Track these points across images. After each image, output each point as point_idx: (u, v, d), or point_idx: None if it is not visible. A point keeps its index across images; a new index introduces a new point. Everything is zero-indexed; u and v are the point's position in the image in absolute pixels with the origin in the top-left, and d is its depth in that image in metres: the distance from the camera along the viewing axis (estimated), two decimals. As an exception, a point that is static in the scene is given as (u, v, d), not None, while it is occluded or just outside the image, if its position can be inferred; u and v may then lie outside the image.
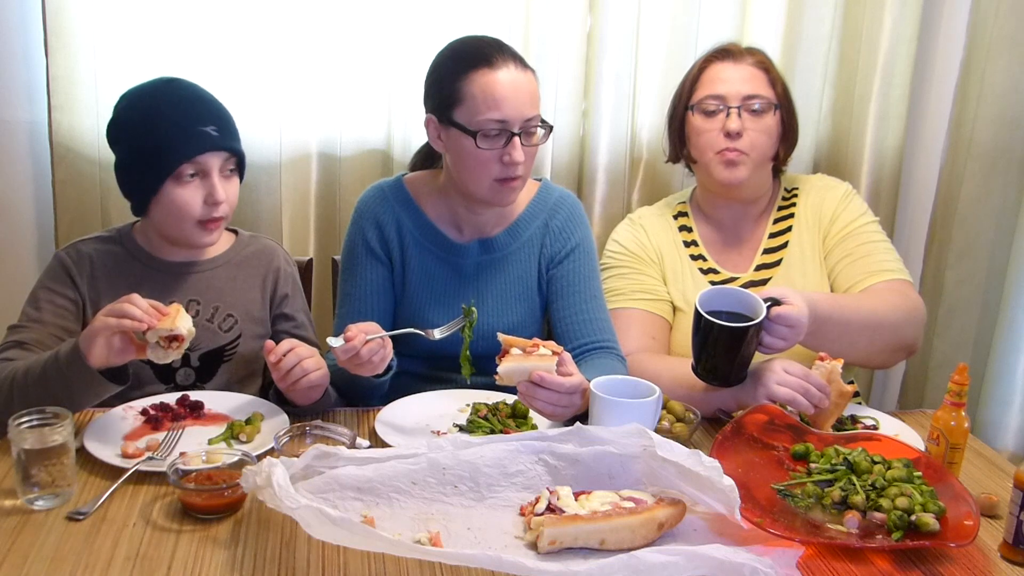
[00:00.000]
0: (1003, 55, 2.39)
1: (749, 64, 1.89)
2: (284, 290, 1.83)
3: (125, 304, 1.43)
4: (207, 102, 1.69)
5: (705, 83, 1.90)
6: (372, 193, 1.87)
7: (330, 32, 2.24)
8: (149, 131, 1.63)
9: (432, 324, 1.80)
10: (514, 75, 1.67)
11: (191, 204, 1.64)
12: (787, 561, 1.16)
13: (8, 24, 2.14)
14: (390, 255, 1.83)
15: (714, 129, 1.87)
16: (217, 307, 1.75)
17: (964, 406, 1.43)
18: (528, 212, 1.86)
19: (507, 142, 1.67)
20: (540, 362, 1.47)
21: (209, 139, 1.63)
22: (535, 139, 1.72)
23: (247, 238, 1.86)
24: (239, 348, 1.76)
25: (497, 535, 1.25)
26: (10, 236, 2.25)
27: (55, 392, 1.44)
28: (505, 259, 1.85)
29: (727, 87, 1.87)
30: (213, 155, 1.64)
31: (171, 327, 1.42)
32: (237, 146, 1.70)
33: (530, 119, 1.68)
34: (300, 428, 1.46)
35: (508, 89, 1.66)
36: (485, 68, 1.66)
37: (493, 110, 1.65)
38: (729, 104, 1.86)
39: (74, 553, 1.18)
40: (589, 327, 1.81)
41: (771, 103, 1.88)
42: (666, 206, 2.08)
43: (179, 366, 1.72)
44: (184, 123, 1.63)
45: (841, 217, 1.94)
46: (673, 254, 1.98)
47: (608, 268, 2.00)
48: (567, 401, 1.49)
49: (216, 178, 1.65)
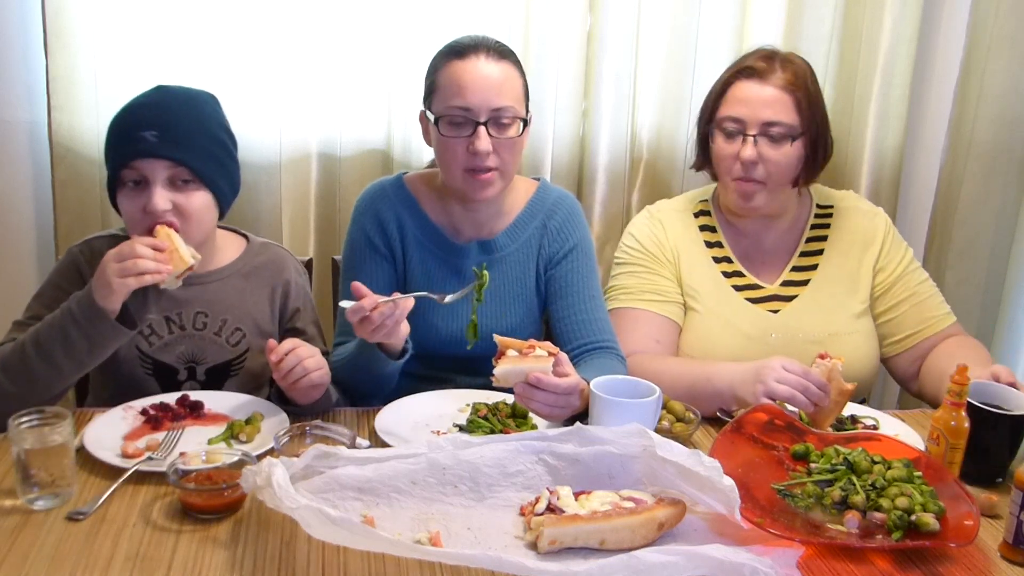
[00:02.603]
0: (1003, 55, 2.39)
1: (776, 86, 1.79)
2: (295, 304, 1.79)
3: (135, 259, 1.45)
4: (161, 109, 1.58)
5: (728, 102, 1.84)
6: (373, 190, 1.86)
7: (330, 32, 2.24)
8: (108, 133, 1.61)
9: (432, 326, 1.80)
10: (483, 65, 1.66)
11: (131, 214, 1.58)
12: (787, 561, 1.16)
13: (8, 24, 2.14)
14: (393, 251, 1.82)
15: (732, 154, 1.82)
16: (225, 320, 1.72)
17: (964, 406, 1.43)
18: (526, 213, 1.86)
19: (473, 131, 1.66)
20: (536, 363, 1.47)
21: (143, 144, 1.53)
22: (508, 132, 1.69)
23: (258, 246, 1.81)
24: (246, 363, 1.74)
25: (497, 535, 1.24)
26: (10, 236, 2.26)
27: (75, 349, 1.47)
28: (504, 260, 1.84)
29: (747, 111, 1.80)
30: (150, 162, 1.54)
31: (183, 265, 1.50)
32: (185, 157, 1.56)
33: (499, 109, 1.66)
34: (300, 428, 1.46)
35: (472, 77, 1.66)
36: (455, 59, 1.68)
37: (457, 97, 1.66)
38: (747, 131, 1.80)
39: (74, 553, 1.18)
40: (588, 327, 1.81)
41: (793, 131, 1.80)
42: (688, 202, 2.02)
43: (184, 379, 1.70)
44: (123, 128, 1.58)
45: (888, 262, 1.93)
46: (693, 253, 1.94)
47: (621, 264, 1.97)
48: (564, 402, 1.49)
49: (157, 187, 1.54)
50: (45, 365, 1.48)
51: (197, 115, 1.62)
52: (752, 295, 1.90)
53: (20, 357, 1.50)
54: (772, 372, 1.58)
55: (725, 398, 1.66)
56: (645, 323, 1.88)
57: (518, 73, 1.72)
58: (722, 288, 1.90)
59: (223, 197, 1.66)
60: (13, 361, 1.50)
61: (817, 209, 1.98)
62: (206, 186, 1.61)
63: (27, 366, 1.49)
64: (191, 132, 1.59)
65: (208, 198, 1.62)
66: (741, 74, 1.83)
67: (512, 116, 1.68)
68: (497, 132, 1.68)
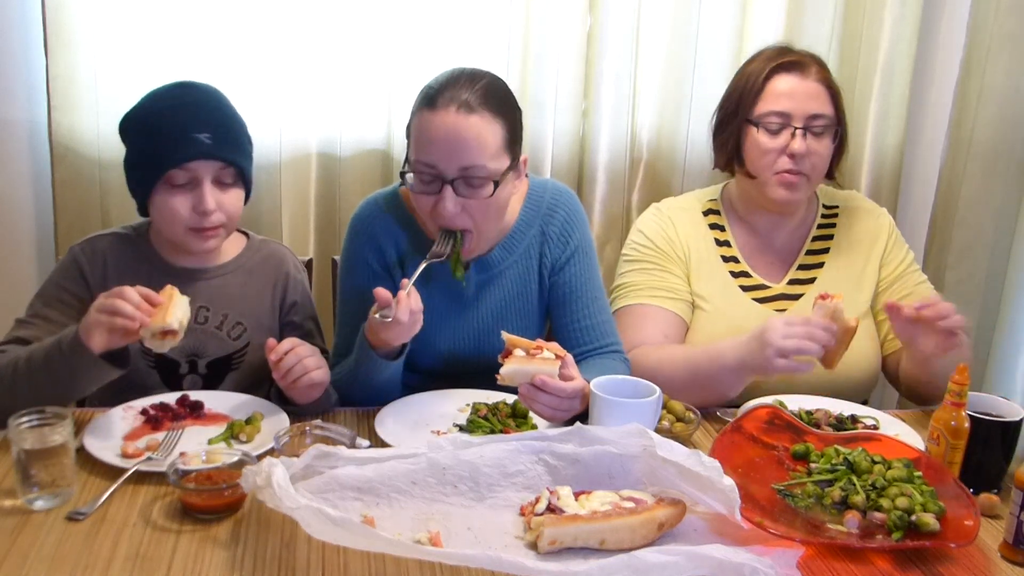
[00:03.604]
0: (1003, 55, 2.39)
1: (815, 79, 1.82)
2: (293, 298, 1.80)
3: (116, 300, 1.41)
4: (208, 109, 1.64)
5: (769, 97, 1.82)
6: (367, 210, 1.78)
7: (330, 32, 2.24)
8: (147, 133, 1.62)
9: (433, 346, 1.77)
10: (452, 120, 1.53)
11: (179, 212, 1.61)
12: (787, 561, 1.16)
13: (8, 24, 2.14)
14: (390, 270, 1.76)
15: (776, 148, 1.81)
16: (227, 314, 1.73)
17: (964, 406, 1.43)
18: (522, 221, 1.79)
19: (441, 189, 1.57)
20: (543, 366, 1.47)
21: (201, 146, 1.58)
22: (480, 192, 1.58)
23: (258, 242, 1.83)
24: (247, 357, 1.74)
25: (497, 535, 1.24)
26: (10, 236, 2.25)
27: (59, 378, 1.45)
28: (502, 275, 1.79)
29: (793, 104, 1.80)
30: (204, 163, 1.59)
31: (162, 323, 1.40)
32: (235, 157, 1.63)
33: (468, 168, 1.55)
34: (300, 428, 1.46)
35: (439, 133, 1.54)
36: (426, 109, 1.57)
37: (423, 152, 1.57)
38: (794, 124, 1.80)
39: (74, 553, 1.18)
40: (592, 332, 1.79)
41: (832, 123, 1.83)
42: (696, 200, 2.01)
43: (186, 373, 1.71)
44: (177, 129, 1.58)
45: (890, 261, 1.94)
46: (702, 252, 1.93)
47: (631, 260, 1.95)
48: (567, 405, 1.50)
49: (207, 187, 1.60)
50: (29, 386, 1.47)
51: (232, 112, 1.69)
52: (759, 295, 1.91)
53: (12, 371, 1.49)
54: (776, 332, 1.57)
55: (737, 373, 1.66)
56: (654, 319, 1.87)
57: (498, 123, 1.58)
58: (729, 288, 1.90)
59: (249, 192, 1.72)
60: (6, 373, 1.50)
61: (823, 209, 1.99)
62: (244, 184, 1.68)
63: (16, 382, 1.48)
64: (236, 132, 1.67)
65: (242, 194, 1.70)
66: (781, 68, 1.83)
67: (483, 175, 1.57)
68: (467, 192, 1.58)
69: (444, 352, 1.80)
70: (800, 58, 1.84)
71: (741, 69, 1.92)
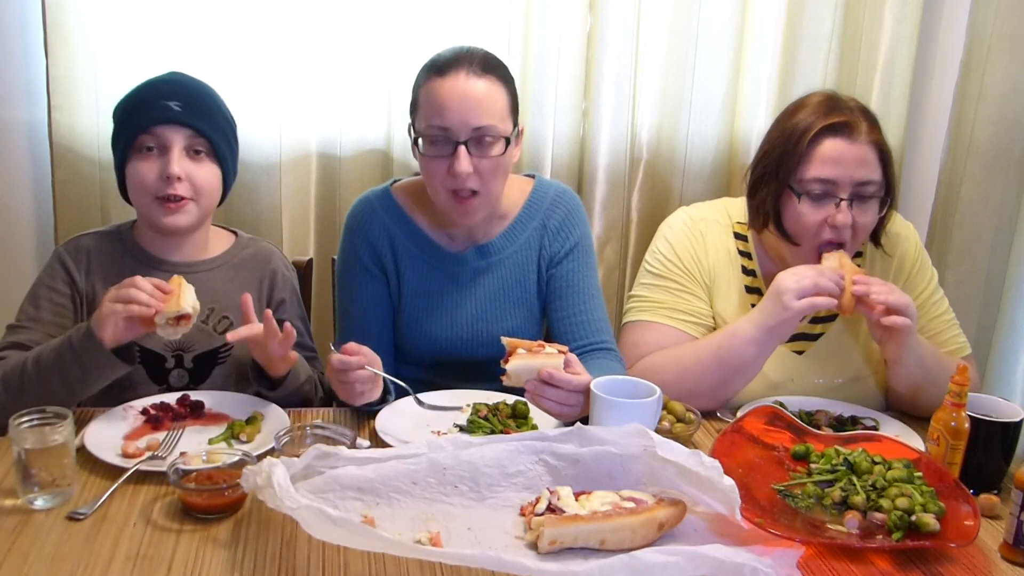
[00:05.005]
0: (1003, 55, 2.39)
1: (865, 141, 1.66)
2: (281, 295, 1.81)
3: (130, 289, 1.45)
4: (186, 85, 1.69)
5: (815, 161, 1.67)
6: (361, 206, 1.83)
7: (330, 32, 2.24)
8: (123, 109, 1.67)
9: (430, 335, 1.80)
10: (463, 83, 1.61)
11: (147, 178, 1.63)
12: (787, 561, 1.16)
13: (8, 24, 2.14)
14: (384, 269, 1.81)
15: (819, 220, 1.68)
16: (213, 308, 1.74)
17: (964, 406, 1.43)
18: (524, 213, 1.84)
19: (453, 151, 1.63)
20: (548, 360, 1.47)
21: (168, 111, 1.61)
22: (490, 151, 1.64)
23: (246, 240, 1.85)
24: (233, 351, 1.75)
25: (497, 535, 1.24)
26: (10, 236, 2.25)
27: (70, 377, 1.46)
28: (502, 263, 1.83)
29: (840, 171, 1.65)
30: (172, 129, 1.62)
31: (177, 308, 1.45)
32: (205, 127, 1.65)
33: (479, 128, 1.62)
34: (300, 428, 1.46)
35: (451, 95, 1.61)
36: (436, 76, 1.64)
37: (436, 116, 1.63)
38: (839, 194, 1.66)
39: (74, 553, 1.18)
40: (587, 328, 1.80)
41: (880, 188, 1.68)
42: (727, 217, 1.87)
43: (172, 367, 1.71)
44: (147, 97, 1.64)
45: (913, 287, 1.82)
46: (728, 276, 1.82)
47: (655, 274, 1.85)
48: (575, 400, 1.48)
49: (175, 153, 1.62)
50: (40, 387, 1.47)
51: (212, 95, 1.73)
52: None
53: (20, 374, 1.50)
54: (788, 279, 1.60)
55: (759, 342, 1.65)
56: (674, 340, 1.78)
57: (503, 88, 1.67)
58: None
59: (227, 176, 1.73)
60: (13, 377, 1.50)
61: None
62: (217, 160, 1.69)
63: (25, 385, 1.48)
64: (210, 107, 1.69)
65: (217, 172, 1.70)
66: (829, 131, 1.66)
67: (494, 135, 1.64)
68: (479, 152, 1.64)
69: (439, 337, 1.81)
70: (849, 118, 1.67)
71: (782, 121, 1.76)
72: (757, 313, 1.66)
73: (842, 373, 1.82)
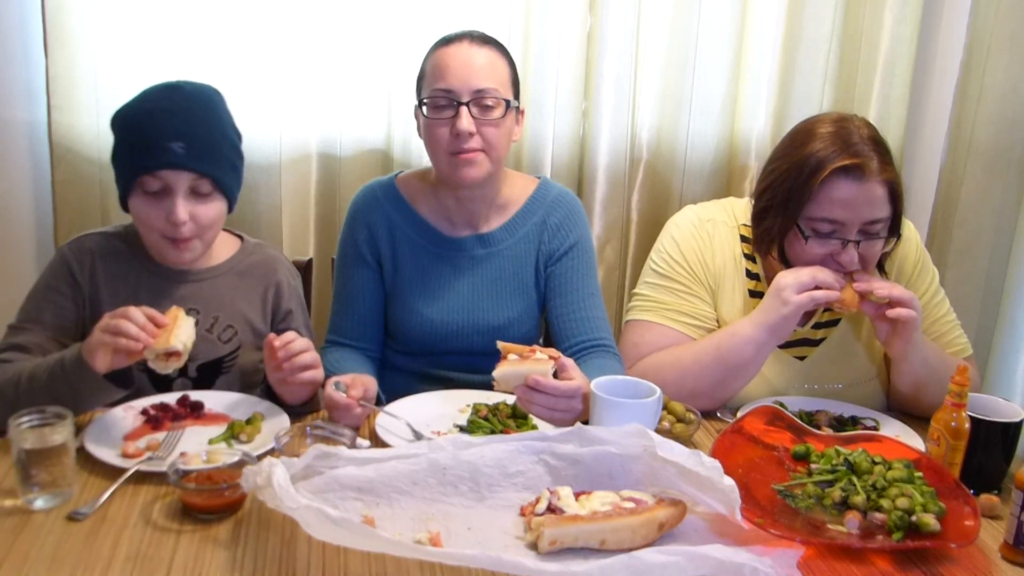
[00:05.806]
0: (1003, 55, 2.39)
1: (876, 180, 1.61)
2: (288, 306, 1.79)
3: (121, 320, 1.39)
4: (188, 117, 1.58)
5: (824, 202, 1.62)
6: (363, 195, 1.89)
7: (330, 32, 2.24)
8: (127, 133, 1.60)
9: (426, 318, 1.82)
10: (466, 49, 1.71)
11: (153, 220, 1.59)
12: (787, 561, 1.16)
13: (8, 24, 2.14)
14: (379, 258, 1.85)
15: (823, 255, 1.66)
16: (217, 317, 1.71)
17: (964, 406, 1.43)
18: (526, 208, 1.87)
19: (456, 112, 1.69)
20: (536, 366, 1.47)
21: (172, 155, 1.54)
22: (491, 113, 1.71)
23: (251, 246, 1.81)
24: (238, 360, 1.73)
25: (497, 535, 1.24)
26: (10, 236, 2.25)
27: (61, 397, 1.42)
28: (501, 254, 1.85)
29: (848, 213, 1.61)
30: (176, 173, 1.56)
31: (166, 345, 1.40)
32: (209, 168, 1.58)
33: (481, 91, 1.69)
34: (300, 428, 1.46)
35: (454, 60, 1.70)
36: (441, 46, 1.74)
37: (439, 80, 1.71)
38: (847, 235, 1.63)
39: (74, 553, 1.18)
40: (585, 326, 1.81)
41: (888, 222, 1.66)
42: (733, 218, 1.85)
43: (176, 376, 1.69)
44: (152, 136, 1.55)
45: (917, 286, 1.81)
46: (733, 279, 1.81)
47: (660, 274, 1.83)
48: (565, 405, 1.48)
49: (180, 197, 1.56)
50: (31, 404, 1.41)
51: (217, 121, 1.64)
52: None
53: (15, 387, 1.48)
54: (787, 276, 1.61)
55: (759, 342, 1.65)
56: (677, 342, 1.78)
57: (504, 60, 1.76)
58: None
59: (233, 202, 1.69)
60: (8, 389, 1.48)
61: None
62: (223, 195, 1.64)
63: (20, 398, 1.46)
64: (215, 143, 1.61)
65: (223, 207, 1.65)
66: (841, 172, 1.60)
67: (496, 98, 1.70)
68: (480, 114, 1.70)
69: (435, 321, 1.82)
70: (863, 160, 1.60)
71: (791, 151, 1.69)
72: (757, 312, 1.66)
73: (844, 378, 1.82)
